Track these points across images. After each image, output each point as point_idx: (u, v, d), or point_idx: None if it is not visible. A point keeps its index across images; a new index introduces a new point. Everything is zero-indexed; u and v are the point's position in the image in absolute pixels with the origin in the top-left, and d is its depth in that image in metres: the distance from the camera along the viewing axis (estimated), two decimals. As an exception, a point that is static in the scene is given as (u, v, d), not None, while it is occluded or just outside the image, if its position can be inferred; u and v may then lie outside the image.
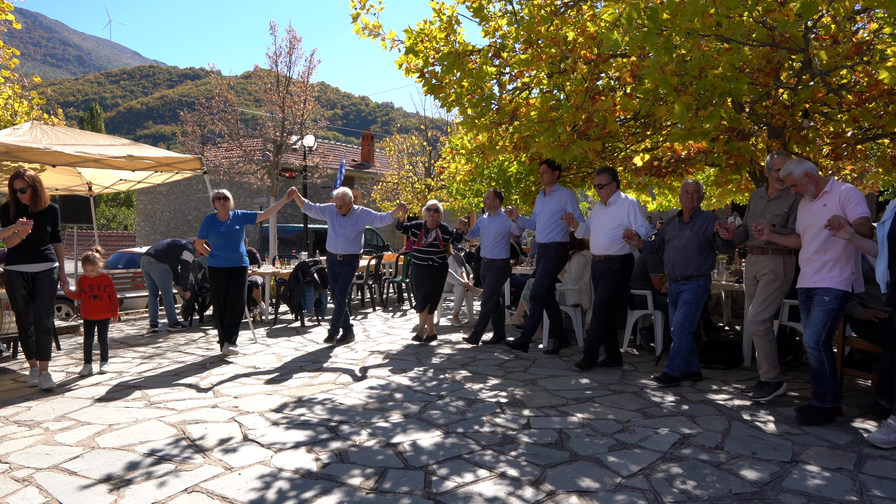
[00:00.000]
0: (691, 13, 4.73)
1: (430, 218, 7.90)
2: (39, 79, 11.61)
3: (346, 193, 8.04)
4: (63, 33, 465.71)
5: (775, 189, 5.38)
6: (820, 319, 4.63)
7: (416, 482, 3.60)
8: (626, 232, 6.09)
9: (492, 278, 7.81)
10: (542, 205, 7.34)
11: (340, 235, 7.89)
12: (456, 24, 6.84)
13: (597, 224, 6.61)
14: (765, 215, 5.33)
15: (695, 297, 5.82)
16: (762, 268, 5.34)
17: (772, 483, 3.58)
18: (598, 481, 3.61)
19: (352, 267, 7.95)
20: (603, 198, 6.60)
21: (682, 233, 5.95)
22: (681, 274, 5.90)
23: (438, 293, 8.09)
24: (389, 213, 8.00)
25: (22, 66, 10.79)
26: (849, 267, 4.63)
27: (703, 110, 5.64)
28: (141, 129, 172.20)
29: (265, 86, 18.74)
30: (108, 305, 6.52)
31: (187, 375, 6.26)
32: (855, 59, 5.40)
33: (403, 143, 24.81)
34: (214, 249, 7.20)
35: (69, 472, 3.76)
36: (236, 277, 7.26)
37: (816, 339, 4.62)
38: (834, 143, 7.33)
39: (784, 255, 5.26)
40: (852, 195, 4.59)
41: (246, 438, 4.35)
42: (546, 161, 7.22)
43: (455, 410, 5.00)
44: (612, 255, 6.44)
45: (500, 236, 7.77)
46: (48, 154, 6.58)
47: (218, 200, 7.34)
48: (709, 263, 5.89)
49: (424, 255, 7.91)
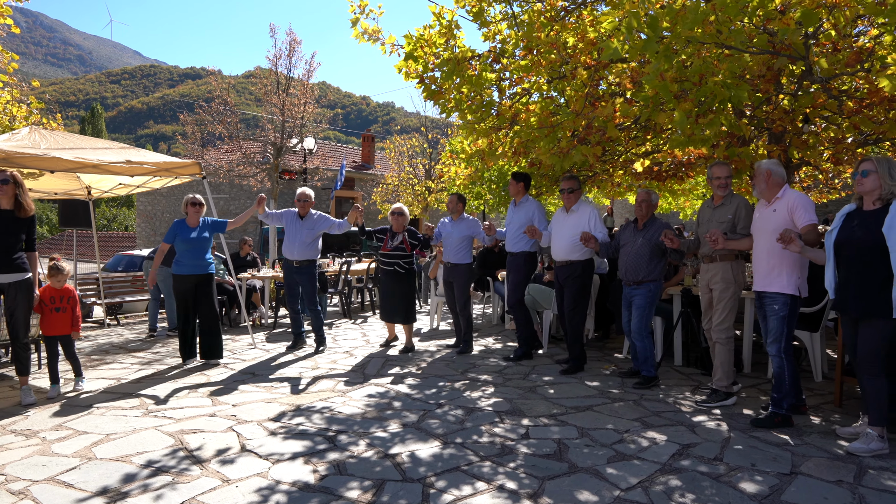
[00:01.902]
0: (692, 21, 4.72)
1: (394, 222, 7.75)
2: (38, 83, 11.57)
3: (308, 192, 7.87)
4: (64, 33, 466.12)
5: (719, 197, 5.52)
6: (776, 328, 4.84)
7: (414, 495, 3.58)
8: (584, 235, 6.29)
9: (459, 285, 7.80)
10: (512, 215, 7.43)
11: (296, 240, 7.68)
12: (456, 28, 6.82)
13: (559, 231, 6.77)
14: (711, 223, 5.49)
15: (647, 301, 6.09)
16: (713, 276, 5.47)
17: (771, 496, 3.55)
18: (597, 494, 3.59)
19: (310, 274, 7.74)
20: (568, 204, 6.76)
21: (636, 239, 6.18)
22: (633, 279, 6.14)
23: (410, 301, 7.80)
24: (346, 220, 7.72)
25: (23, 65, 10.78)
26: (795, 271, 4.80)
27: (703, 117, 5.63)
28: (142, 128, 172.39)
29: (265, 87, 18.75)
30: (71, 320, 6.01)
31: (186, 382, 6.24)
32: (855, 66, 5.38)
33: (404, 145, 24.77)
34: (180, 256, 6.98)
35: (66, 484, 3.75)
36: (203, 286, 7.03)
37: (778, 348, 4.85)
38: (834, 148, 7.31)
39: (731, 262, 5.38)
40: (800, 202, 4.78)
41: (244, 449, 4.33)
42: (513, 174, 7.45)
43: (454, 419, 4.98)
44: (574, 260, 6.63)
45: (465, 241, 7.75)
46: (47, 160, 6.56)
47: (192, 206, 7.12)
48: (659, 269, 6.13)
49: (390, 260, 7.72)
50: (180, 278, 6.99)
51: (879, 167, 4.19)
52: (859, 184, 4.28)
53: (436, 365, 7.00)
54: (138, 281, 11.30)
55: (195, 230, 7.05)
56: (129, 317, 11.59)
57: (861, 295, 4.21)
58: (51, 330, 5.93)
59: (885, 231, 4.04)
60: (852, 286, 4.26)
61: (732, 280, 5.35)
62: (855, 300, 4.25)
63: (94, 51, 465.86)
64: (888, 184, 4.16)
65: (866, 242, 4.17)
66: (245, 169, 19.71)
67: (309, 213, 7.79)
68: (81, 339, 8.79)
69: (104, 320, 10.45)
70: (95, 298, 10.67)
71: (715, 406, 5.32)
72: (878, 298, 4.11)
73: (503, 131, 7.39)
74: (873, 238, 4.11)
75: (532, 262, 7.43)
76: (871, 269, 4.15)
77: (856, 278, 4.24)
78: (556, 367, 6.78)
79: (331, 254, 16.22)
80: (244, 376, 6.49)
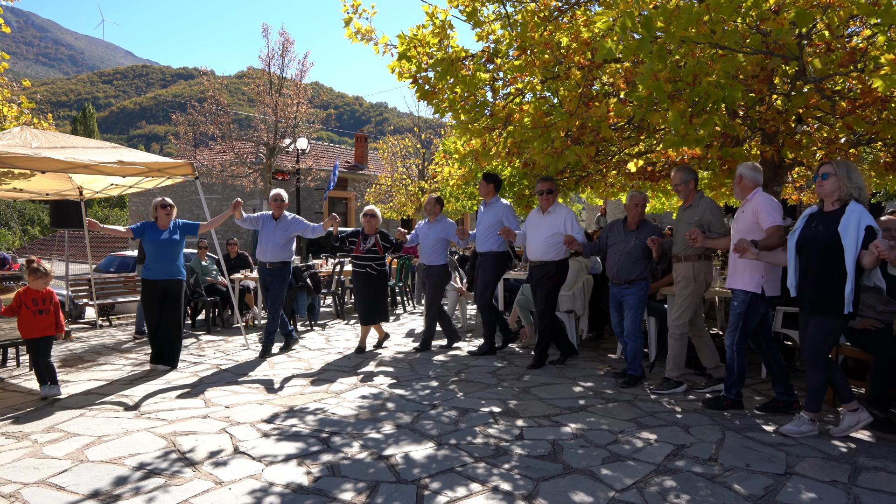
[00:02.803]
0: (685, 21, 4.71)
1: (366, 224, 7.77)
2: (29, 83, 11.50)
3: (282, 193, 7.82)
4: (55, 32, 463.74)
5: (686, 199, 5.83)
6: (733, 322, 5.15)
7: (409, 497, 3.56)
8: (567, 238, 6.46)
9: (431, 285, 7.85)
10: (482, 216, 7.50)
11: (270, 242, 7.60)
12: (449, 28, 6.80)
13: (534, 232, 6.88)
14: (680, 224, 5.79)
15: (639, 300, 6.20)
16: (677, 274, 5.76)
17: (765, 497, 3.55)
18: (592, 495, 3.58)
19: (282, 276, 7.62)
20: (545, 205, 6.85)
21: (628, 240, 6.26)
22: (624, 278, 6.23)
23: (382, 303, 7.90)
24: (321, 225, 7.72)
25: (14, 65, 10.76)
26: (759, 271, 4.99)
27: (697, 117, 5.62)
28: (134, 128, 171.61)
29: (258, 88, 18.70)
30: (54, 321, 5.87)
31: (178, 383, 6.21)
32: (849, 66, 5.39)
33: (397, 146, 24.73)
34: (150, 261, 6.82)
35: (57, 486, 3.72)
36: (172, 291, 6.86)
37: (731, 341, 5.16)
38: (828, 148, 7.32)
39: (695, 262, 5.62)
40: (764, 205, 5.00)
41: (237, 451, 4.30)
42: (484, 175, 7.56)
43: (448, 420, 4.96)
44: (548, 260, 6.76)
45: (440, 242, 7.81)
46: (38, 160, 6.51)
47: (161, 208, 6.93)
48: (648, 269, 6.28)
49: (362, 262, 7.72)
50: (150, 283, 6.79)
51: (839, 170, 4.37)
52: (819, 186, 4.46)
53: (430, 366, 6.98)
54: (130, 282, 11.24)
55: (165, 233, 6.87)
56: (121, 318, 11.52)
57: (817, 292, 4.40)
58: (33, 332, 5.78)
59: (840, 230, 4.25)
60: (809, 284, 4.44)
61: (693, 279, 5.61)
62: (811, 297, 4.44)
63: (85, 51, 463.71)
64: (846, 186, 4.33)
65: (824, 242, 4.34)
66: (238, 169, 19.67)
67: (283, 215, 7.72)
68: (74, 341, 8.74)
69: (96, 321, 10.39)
70: (88, 299, 10.61)
71: (666, 393, 5.69)
72: (832, 296, 4.30)
73: (497, 131, 7.37)
74: (830, 238, 4.30)
75: (502, 261, 7.50)
76: (828, 268, 4.33)
77: (813, 276, 4.42)
78: (552, 368, 6.79)
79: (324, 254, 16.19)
80: (237, 378, 6.46)
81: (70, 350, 8.09)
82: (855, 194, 4.34)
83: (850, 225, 4.21)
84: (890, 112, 5.93)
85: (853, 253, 4.19)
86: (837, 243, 4.25)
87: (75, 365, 7.13)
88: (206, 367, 6.93)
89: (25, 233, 41.80)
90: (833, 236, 4.28)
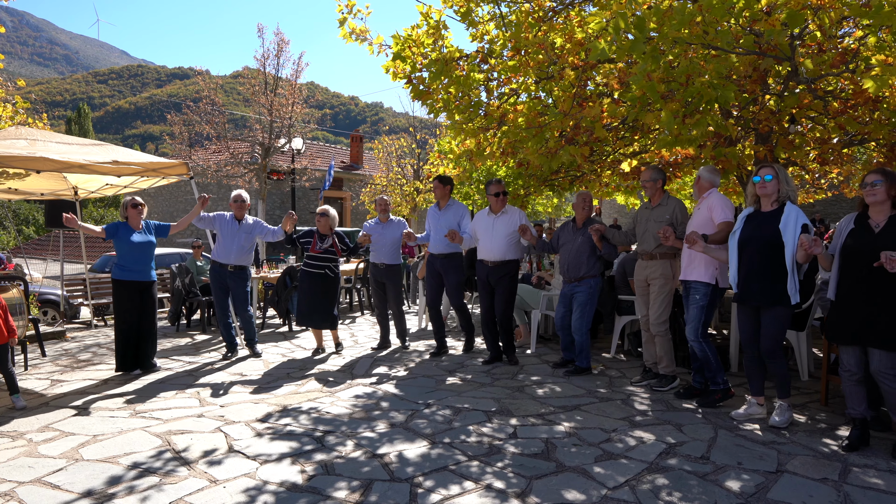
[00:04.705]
0: (678, 22, 4.74)
1: (319, 223, 7.61)
2: (24, 82, 11.48)
3: (244, 194, 7.65)
4: (50, 32, 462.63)
5: (654, 198, 5.98)
6: (695, 315, 5.36)
7: (402, 495, 3.58)
8: (521, 227, 6.61)
9: (392, 284, 7.79)
10: (438, 218, 7.37)
11: (235, 244, 7.36)
12: (443, 28, 6.83)
13: (489, 233, 6.90)
14: (649, 222, 5.89)
15: (588, 297, 6.43)
16: (653, 272, 5.86)
17: (756, 494, 3.58)
18: (584, 493, 3.60)
19: (243, 278, 7.44)
20: (497, 207, 6.92)
21: (576, 238, 6.52)
22: (574, 275, 6.48)
23: (333, 306, 7.63)
24: (280, 228, 7.51)
25: (8, 65, 10.72)
26: (713, 263, 5.28)
27: (690, 118, 5.66)
28: (129, 128, 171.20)
29: (253, 88, 18.68)
30: (5, 328, 5.48)
31: (173, 383, 6.21)
32: (840, 67, 5.43)
33: (392, 146, 24.75)
34: (124, 261, 6.59)
35: (52, 485, 3.73)
36: (148, 293, 6.73)
37: (695, 333, 5.36)
38: (820, 148, 7.36)
39: (671, 260, 5.82)
40: (717, 203, 5.43)
41: (231, 449, 4.32)
42: (438, 177, 7.54)
43: (442, 419, 4.98)
44: (509, 259, 6.86)
45: (396, 243, 7.80)
46: (33, 160, 6.51)
47: (132, 207, 6.71)
48: (599, 266, 6.50)
49: (319, 263, 7.49)
50: (124, 285, 6.57)
51: (779, 173, 4.73)
52: (762, 187, 4.75)
53: (423, 365, 6.99)
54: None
55: (138, 233, 6.72)
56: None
57: (763, 287, 4.67)
58: None
59: (780, 228, 4.59)
60: (755, 280, 4.71)
61: (671, 276, 5.80)
62: (758, 292, 4.70)
63: (80, 50, 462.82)
64: (785, 188, 4.72)
65: (767, 240, 4.65)
66: (233, 169, 19.65)
67: (245, 218, 7.55)
68: (69, 341, 8.73)
69: (91, 321, 10.38)
70: (83, 299, 10.61)
71: (667, 389, 5.83)
72: (778, 289, 4.60)
73: (491, 132, 7.40)
74: (773, 235, 4.62)
75: (469, 261, 7.64)
76: (770, 264, 4.63)
77: (758, 272, 4.70)
78: (545, 368, 6.81)
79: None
80: (231, 377, 6.47)
81: (66, 350, 8.08)
82: (791, 196, 4.72)
83: (789, 223, 4.57)
84: (881, 112, 5.98)
85: (792, 249, 4.52)
86: (779, 240, 4.59)
87: (70, 364, 7.13)
88: (200, 367, 6.93)
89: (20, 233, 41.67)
90: (775, 234, 4.61)
